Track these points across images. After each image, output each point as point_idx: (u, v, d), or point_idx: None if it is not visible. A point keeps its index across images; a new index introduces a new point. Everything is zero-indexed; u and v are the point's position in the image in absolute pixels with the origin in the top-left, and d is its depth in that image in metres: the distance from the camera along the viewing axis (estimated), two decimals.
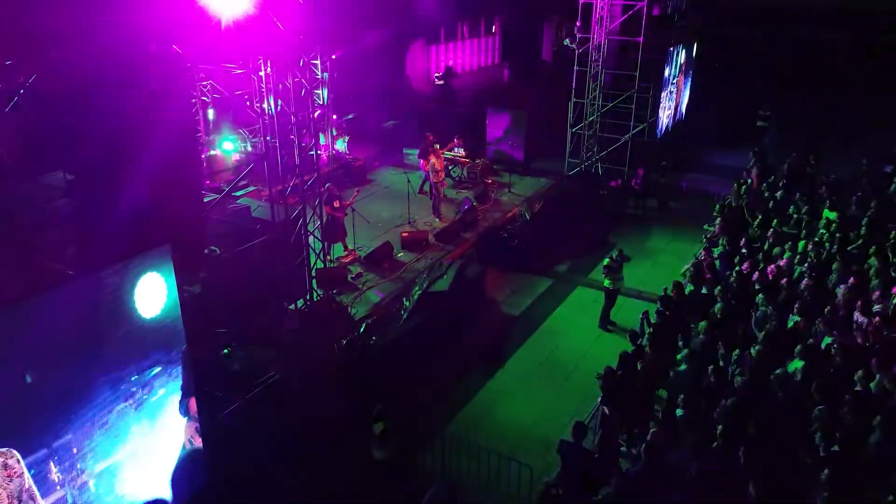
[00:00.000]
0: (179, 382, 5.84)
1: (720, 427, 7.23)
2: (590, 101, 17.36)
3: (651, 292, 12.68)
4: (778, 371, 8.04)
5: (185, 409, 5.94)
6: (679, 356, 8.71)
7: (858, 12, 32.90)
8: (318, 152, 17.19)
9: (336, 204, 12.10)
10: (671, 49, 18.28)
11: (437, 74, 27.32)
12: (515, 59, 26.50)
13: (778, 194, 14.25)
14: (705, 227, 13.57)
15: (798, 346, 8.55)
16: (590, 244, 15.37)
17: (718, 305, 9.64)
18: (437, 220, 14.44)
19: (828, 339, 9.01)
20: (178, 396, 5.89)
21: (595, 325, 11.97)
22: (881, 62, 33.22)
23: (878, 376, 7.94)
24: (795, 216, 13.30)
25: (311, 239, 11.38)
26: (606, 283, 11.63)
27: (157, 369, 5.68)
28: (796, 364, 8.54)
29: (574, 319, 12.31)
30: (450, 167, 16.76)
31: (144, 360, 5.56)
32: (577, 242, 15.24)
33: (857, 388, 7.86)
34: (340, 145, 17.50)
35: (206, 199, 9.36)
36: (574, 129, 18.14)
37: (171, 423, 5.89)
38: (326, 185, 12.25)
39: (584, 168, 17.76)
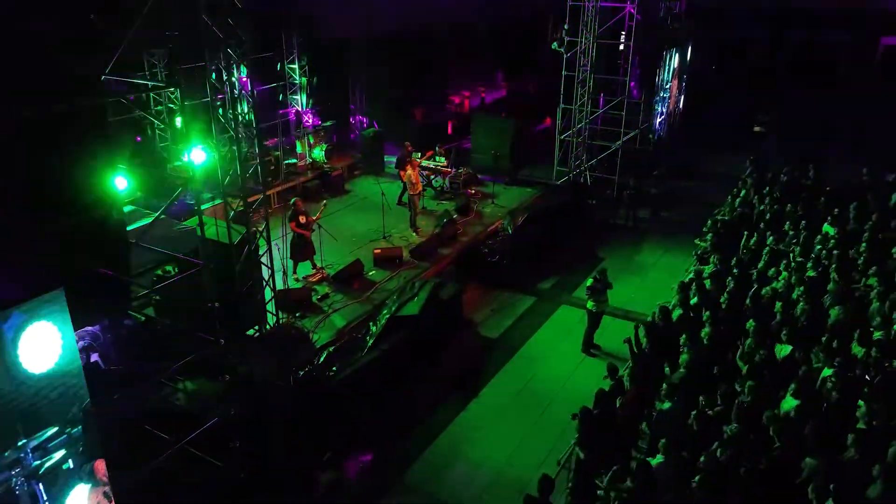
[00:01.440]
0: (81, 444, 5.12)
1: (705, 477, 6.51)
2: (578, 107, 16.62)
3: (639, 312, 12.01)
4: (768, 413, 7.30)
5: (88, 474, 5.21)
6: (662, 390, 7.98)
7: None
8: (294, 161, 16.67)
9: (302, 220, 11.37)
10: (664, 53, 17.51)
11: None
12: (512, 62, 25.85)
13: (774, 207, 13.50)
14: (696, 241, 12.81)
15: (793, 383, 7.83)
16: (577, 259, 14.65)
17: (706, 331, 8.89)
18: (414, 234, 13.71)
19: (828, 371, 8.27)
20: (80, 460, 5.17)
21: (578, 348, 11.24)
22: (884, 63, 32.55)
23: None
24: (792, 232, 12.55)
25: (278, 257, 10.77)
26: (590, 304, 10.89)
27: (52, 430, 4.96)
28: (790, 403, 7.82)
29: (556, 343, 11.56)
30: (431, 177, 16.03)
31: (36, 423, 4.84)
32: (564, 257, 14.53)
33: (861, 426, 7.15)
34: (318, 154, 16.78)
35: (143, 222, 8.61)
36: (563, 137, 17.43)
37: (71, 491, 5.16)
38: (292, 201, 11.52)
39: (571, 177, 17.02)
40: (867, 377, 8.17)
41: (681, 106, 21.06)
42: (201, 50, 9.51)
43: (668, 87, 18.47)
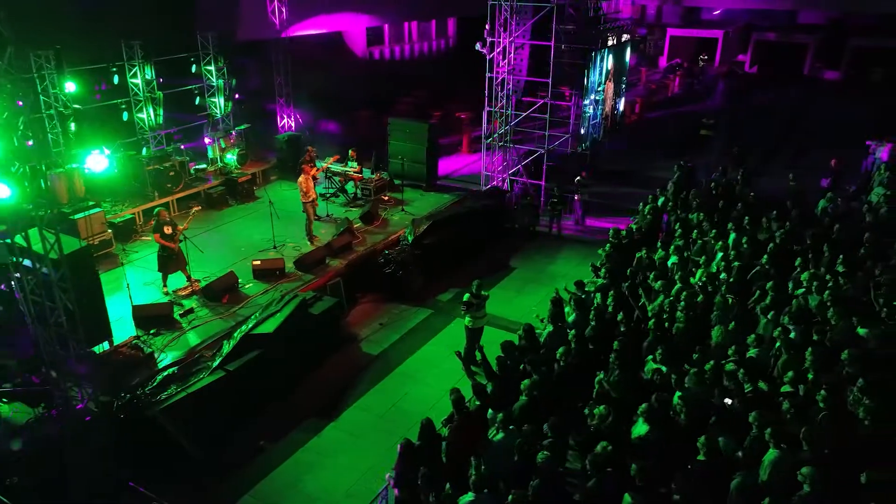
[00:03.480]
0: None
1: None
2: (497, 109, 16.00)
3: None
4: (603, 443, 6.66)
5: None
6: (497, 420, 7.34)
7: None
8: (205, 166, 16.03)
9: (167, 230, 10.72)
10: (593, 54, 16.90)
11: None
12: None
13: (682, 215, 12.90)
14: (599, 251, 12.18)
15: (643, 406, 7.19)
16: (486, 269, 14.01)
17: (561, 350, 8.25)
18: (310, 244, 13.06)
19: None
20: None
21: (460, 365, 10.59)
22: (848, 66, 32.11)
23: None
24: (700, 241, 11.95)
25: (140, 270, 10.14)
26: (467, 321, 10.26)
27: None
28: (640, 429, 7.19)
29: (439, 359, 10.89)
30: (340, 181, 15.40)
31: None
32: (472, 267, 13.88)
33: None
34: (230, 159, 16.14)
35: None
36: (488, 141, 16.82)
37: None
38: (156, 211, 10.87)
39: (491, 183, 16.39)
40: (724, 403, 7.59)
41: (620, 108, 20.41)
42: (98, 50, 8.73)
43: (600, 89, 17.82)
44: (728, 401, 7.67)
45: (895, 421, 7.06)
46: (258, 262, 11.69)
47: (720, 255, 11.33)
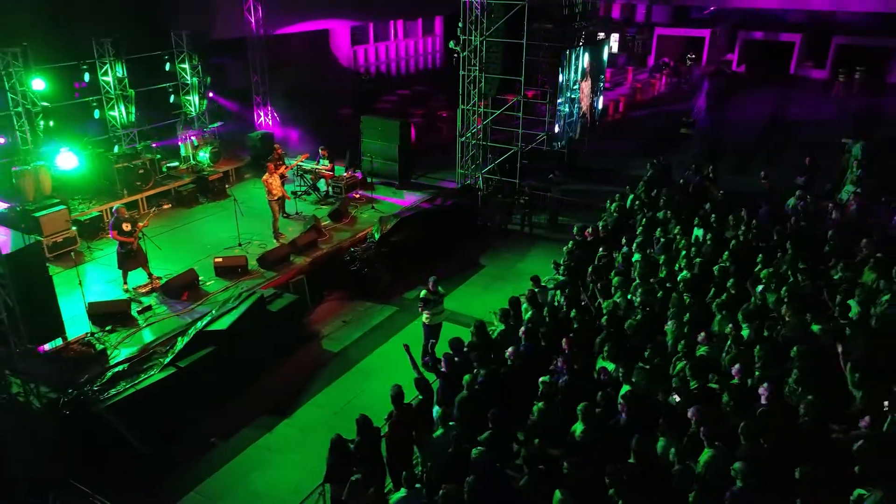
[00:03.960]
0: None
1: None
2: (470, 107, 15.99)
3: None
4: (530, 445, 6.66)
5: None
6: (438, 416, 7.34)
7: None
8: (178, 164, 16.00)
9: (126, 228, 10.69)
10: (566, 52, 16.88)
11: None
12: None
13: (648, 213, 12.89)
14: (564, 248, 12.16)
15: (581, 405, 7.17)
16: (455, 266, 14.02)
17: (508, 351, 8.22)
18: (276, 242, 13.02)
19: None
20: None
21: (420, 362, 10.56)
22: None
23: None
24: (663, 239, 11.93)
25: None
26: (423, 317, 10.24)
27: None
28: (578, 427, 7.17)
29: (399, 356, 10.64)
30: (312, 179, 15.39)
31: None
32: (441, 264, 13.86)
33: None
34: (202, 157, 16.12)
35: None
36: (462, 139, 16.81)
37: None
38: (114, 208, 10.85)
39: (465, 181, 16.39)
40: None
41: (599, 106, 20.41)
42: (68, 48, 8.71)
43: (575, 87, 17.81)
44: (677, 398, 7.67)
45: (834, 415, 7.10)
46: (220, 260, 11.66)
47: (684, 252, 11.32)
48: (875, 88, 30.29)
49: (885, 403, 7.11)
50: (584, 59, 18.01)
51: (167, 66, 16.77)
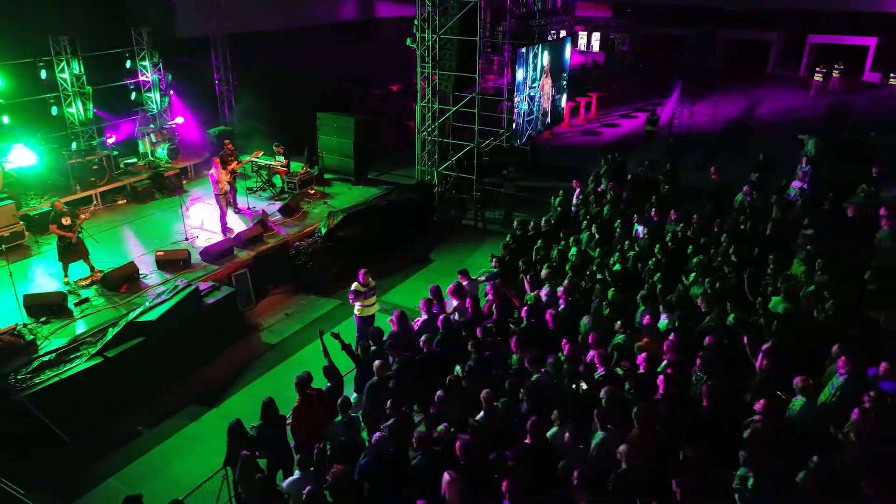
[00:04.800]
0: None
1: None
2: (426, 104, 16.14)
3: None
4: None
5: None
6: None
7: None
8: (135, 160, 16.14)
9: (65, 221, 10.83)
10: (522, 50, 17.04)
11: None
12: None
13: (593, 208, 13.05)
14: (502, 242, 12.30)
15: (483, 392, 7.32)
16: (405, 261, 14.17)
17: (425, 337, 8.37)
18: (223, 236, 13.15)
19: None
20: None
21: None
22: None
23: None
24: (598, 235, 12.07)
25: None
26: (355, 309, 10.39)
27: None
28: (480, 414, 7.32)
29: (335, 348, 10.99)
30: (267, 175, 15.53)
31: None
32: (392, 259, 14.05)
33: None
34: (160, 153, 16.25)
35: None
36: (421, 135, 16.96)
37: None
38: (52, 201, 10.99)
39: (422, 177, 16.54)
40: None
41: (563, 104, 20.57)
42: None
43: (534, 85, 17.96)
44: (584, 385, 7.84)
45: (735, 403, 7.27)
46: (161, 253, 11.81)
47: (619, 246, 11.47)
48: (852, 86, 30.56)
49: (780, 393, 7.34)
50: (544, 57, 18.17)
51: (128, 64, 16.90)
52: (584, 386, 7.77)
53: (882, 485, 6.15)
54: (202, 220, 13.67)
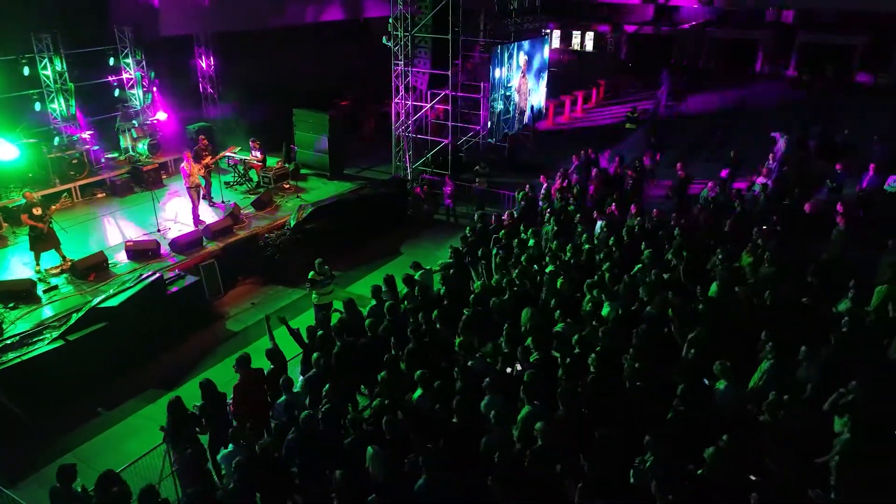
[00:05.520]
0: None
1: None
2: (402, 102, 16.46)
3: None
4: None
5: None
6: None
7: None
8: (116, 155, 16.53)
9: (36, 212, 11.19)
10: (498, 49, 17.33)
11: None
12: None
13: (554, 205, 13.33)
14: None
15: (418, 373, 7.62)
16: (374, 254, 14.49)
17: (368, 322, 8.68)
18: (195, 228, 13.51)
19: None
20: None
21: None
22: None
23: None
24: (555, 227, 12.32)
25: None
26: (314, 297, 10.72)
27: None
28: (416, 394, 7.62)
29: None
30: (242, 168, 15.89)
31: None
32: (361, 252, 14.37)
33: None
34: (141, 149, 16.64)
35: None
36: (396, 132, 17.29)
37: None
38: (22, 192, 11.37)
39: (397, 173, 16.86)
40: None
41: (543, 103, 20.84)
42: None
43: (510, 84, 18.25)
44: (519, 367, 8.14)
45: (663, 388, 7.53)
46: (131, 243, 12.17)
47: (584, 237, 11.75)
48: (841, 86, 30.66)
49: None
50: (521, 56, 18.45)
51: (111, 61, 17.27)
52: (518, 368, 8.08)
53: (784, 461, 6.46)
54: (176, 213, 14.05)
